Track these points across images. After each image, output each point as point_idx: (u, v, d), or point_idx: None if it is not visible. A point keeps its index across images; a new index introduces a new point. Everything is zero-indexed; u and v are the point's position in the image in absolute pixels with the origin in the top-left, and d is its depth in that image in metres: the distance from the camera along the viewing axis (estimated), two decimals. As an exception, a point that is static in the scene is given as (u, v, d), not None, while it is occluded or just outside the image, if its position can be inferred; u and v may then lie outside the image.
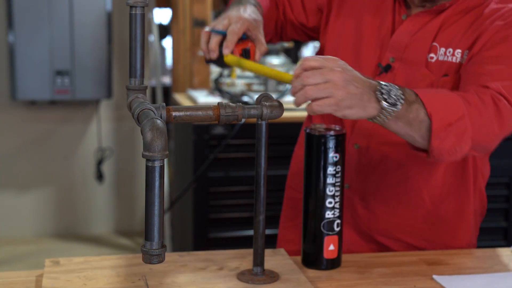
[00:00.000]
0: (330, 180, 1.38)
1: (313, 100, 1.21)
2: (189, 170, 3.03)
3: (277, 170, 2.59)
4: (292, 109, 1.54)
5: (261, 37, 1.50)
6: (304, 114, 1.74)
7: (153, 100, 4.01)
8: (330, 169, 1.38)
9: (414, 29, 1.51)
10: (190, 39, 3.53)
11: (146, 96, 1.24)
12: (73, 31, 3.80)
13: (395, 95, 1.23)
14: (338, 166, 1.38)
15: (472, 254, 1.54)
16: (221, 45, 1.47)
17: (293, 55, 3.90)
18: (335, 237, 1.40)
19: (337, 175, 1.38)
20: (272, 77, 1.40)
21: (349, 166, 1.54)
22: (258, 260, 1.33)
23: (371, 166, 1.58)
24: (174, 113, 1.20)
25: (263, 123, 1.29)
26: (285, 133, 2.75)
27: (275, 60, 3.39)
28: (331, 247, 1.40)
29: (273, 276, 1.33)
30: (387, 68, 1.52)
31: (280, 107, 1.27)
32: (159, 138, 1.05)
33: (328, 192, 1.38)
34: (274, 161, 2.68)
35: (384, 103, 1.22)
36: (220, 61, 1.48)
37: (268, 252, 1.42)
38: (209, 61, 1.50)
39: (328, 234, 1.40)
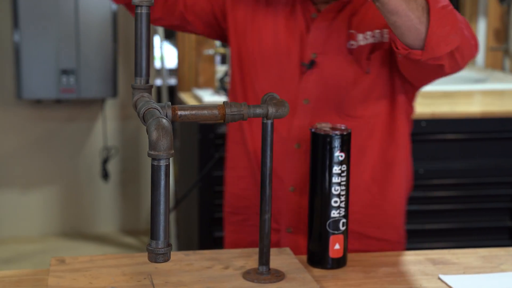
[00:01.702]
0: (335, 179, 1.38)
1: None
2: (194, 169, 3.03)
3: (282, 169, 2.58)
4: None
5: None
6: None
7: (159, 99, 4.02)
8: (336, 168, 1.37)
9: (327, 23, 1.55)
10: (195, 38, 3.53)
11: (152, 95, 1.24)
12: (79, 30, 3.81)
13: None
14: (344, 165, 1.38)
15: (478, 253, 1.54)
16: None
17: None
18: (341, 236, 1.40)
19: (342, 174, 1.38)
20: None
21: (293, 166, 1.58)
22: (264, 259, 1.33)
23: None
24: (179, 112, 1.20)
25: (269, 122, 1.29)
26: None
27: None
28: (337, 246, 1.40)
29: (279, 275, 1.33)
30: (312, 63, 1.56)
31: (286, 106, 1.27)
32: (164, 137, 1.05)
33: (333, 191, 1.38)
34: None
35: None
36: None
37: (273, 251, 1.42)
38: None
39: (333, 233, 1.40)
